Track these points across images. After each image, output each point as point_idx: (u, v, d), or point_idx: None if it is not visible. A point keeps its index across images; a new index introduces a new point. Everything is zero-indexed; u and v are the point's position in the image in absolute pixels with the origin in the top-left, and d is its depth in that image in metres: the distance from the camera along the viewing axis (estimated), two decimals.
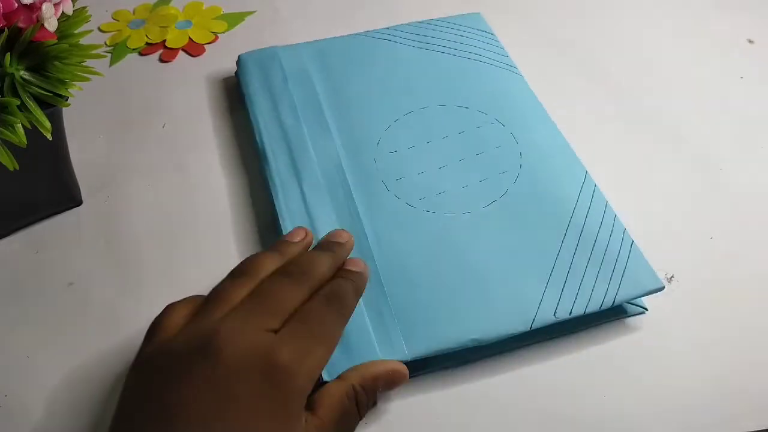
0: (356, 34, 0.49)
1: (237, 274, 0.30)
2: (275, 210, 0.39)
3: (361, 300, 0.32)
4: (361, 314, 0.34)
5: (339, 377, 0.31)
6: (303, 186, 0.39)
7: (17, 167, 0.33)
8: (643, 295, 0.35)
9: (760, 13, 0.54)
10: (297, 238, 0.33)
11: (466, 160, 0.41)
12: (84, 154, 0.43)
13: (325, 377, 0.31)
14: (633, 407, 0.33)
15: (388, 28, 0.50)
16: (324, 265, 0.31)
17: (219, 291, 0.29)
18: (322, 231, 0.37)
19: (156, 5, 0.55)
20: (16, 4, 0.32)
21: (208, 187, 0.43)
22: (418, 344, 0.33)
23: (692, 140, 0.45)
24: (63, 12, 0.35)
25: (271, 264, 0.31)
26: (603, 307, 0.34)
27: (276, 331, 0.27)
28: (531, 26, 0.51)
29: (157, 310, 0.29)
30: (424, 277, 0.35)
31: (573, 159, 0.41)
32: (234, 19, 0.54)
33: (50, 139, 0.34)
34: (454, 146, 0.42)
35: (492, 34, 0.49)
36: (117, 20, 0.54)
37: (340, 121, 0.43)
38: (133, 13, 0.54)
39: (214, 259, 0.39)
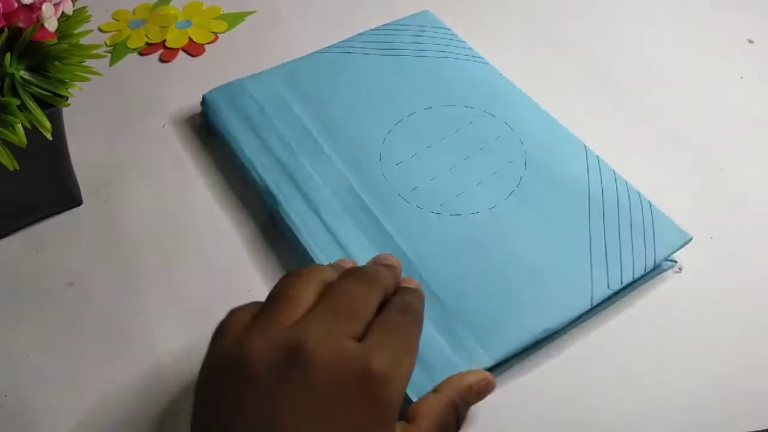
0: (316, 52, 0.48)
1: (296, 274, 0.28)
2: (302, 248, 0.37)
3: (426, 318, 0.31)
4: (429, 331, 0.34)
5: (434, 390, 0.31)
6: (323, 216, 0.38)
7: (17, 167, 0.33)
8: (676, 250, 0.37)
9: (760, 13, 0.54)
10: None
11: (471, 157, 0.41)
12: (84, 154, 0.42)
13: (412, 397, 0.31)
14: (633, 407, 0.33)
15: (346, 41, 0.49)
16: (388, 275, 0.30)
17: (282, 292, 0.27)
18: (358, 256, 0.37)
19: (156, 5, 0.55)
20: (16, 4, 0.32)
21: (207, 187, 0.43)
22: (495, 348, 0.33)
23: (692, 140, 0.45)
24: (63, 12, 0.35)
25: (327, 270, 0.29)
26: (647, 270, 0.36)
27: (359, 338, 0.26)
28: (531, 26, 0.51)
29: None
30: (474, 281, 0.35)
31: (569, 135, 0.42)
32: (234, 19, 0.54)
33: (50, 139, 0.34)
34: (455, 146, 0.42)
35: (447, 29, 0.50)
36: (117, 20, 0.54)
37: (333, 143, 0.42)
38: (133, 13, 0.54)
39: (213, 259, 0.39)
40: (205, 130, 0.46)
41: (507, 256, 0.36)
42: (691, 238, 0.37)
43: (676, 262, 0.38)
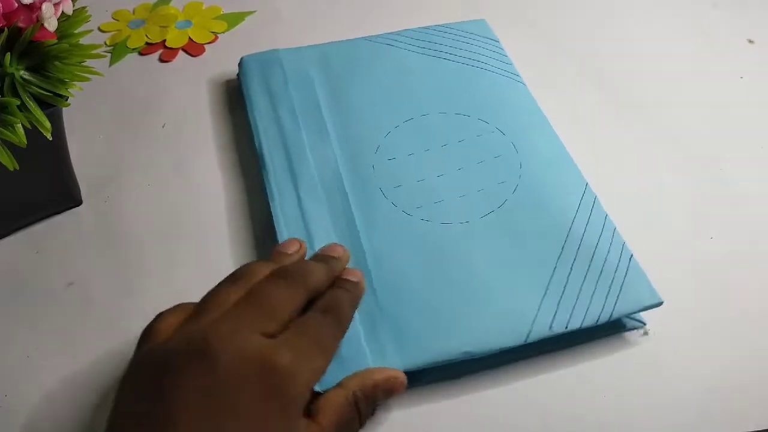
0: (360, 38, 0.49)
1: (230, 279, 0.30)
2: (271, 216, 0.38)
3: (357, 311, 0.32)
4: (355, 324, 0.33)
5: (338, 384, 0.31)
6: (300, 192, 0.39)
7: (17, 167, 0.33)
8: (640, 311, 0.35)
9: (760, 13, 0.54)
10: (291, 250, 0.33)
11: (464, 169, 0.41)
12: (84, 154, 0.43)
13: (317, 388, 0.30)
14: (632, 413, 0.33)
15: (392, 33, 0.49)
16: (319, 272, 0.31)
17: (212, 295, 0.29)
18: (318, 237, 0.37)
19: (156, 5, 0.55)
20: (16, 4, 0.32)
21: (207, 187, 0.43)
22: (410, 356, 0.32)
23: (692, 140, 0.45)
24: (63, 12, 0.35)
25: (266, 270, 0.30)
26: (600, 322, 0.34)
27: (272, 337, 0.27)
28: (532, 27, 0.51)
29: (158, 310, 0.29)
30: (419, 288, 0.35)
31: (573, 170, 0.41)
32: (234, 19, 0.54)
33: (50, 139, 0.34)
34: (454, 155, 0.42)
35: (496, 41, 0.49)
36: (117, 20, 0.54)
37: (339, 127, 0.43)
38: (133, 13, 0.55)
39: (213, 259, 0.39)
40: (205, 129, 0.46)
41: (460, 273, 0.36)
42: (662, 302, 0.34)
43: (644, 324, 0.35)
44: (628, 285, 0.35)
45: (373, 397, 0.30)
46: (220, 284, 0.30)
